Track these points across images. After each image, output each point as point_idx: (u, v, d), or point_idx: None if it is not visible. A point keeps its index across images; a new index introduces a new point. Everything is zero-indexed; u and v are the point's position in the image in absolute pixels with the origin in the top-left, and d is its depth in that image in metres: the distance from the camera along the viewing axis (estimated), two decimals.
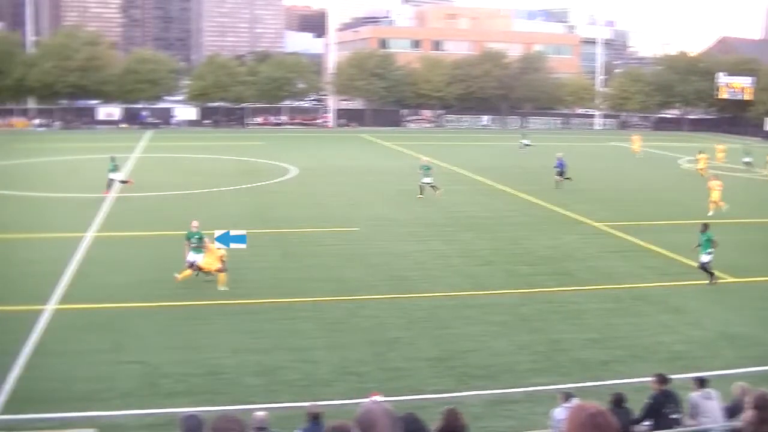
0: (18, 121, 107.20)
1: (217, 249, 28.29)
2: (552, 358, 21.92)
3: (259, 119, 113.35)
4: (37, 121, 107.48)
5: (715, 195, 43.79)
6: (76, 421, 17.24)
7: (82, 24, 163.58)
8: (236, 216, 40.55)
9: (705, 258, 29.49)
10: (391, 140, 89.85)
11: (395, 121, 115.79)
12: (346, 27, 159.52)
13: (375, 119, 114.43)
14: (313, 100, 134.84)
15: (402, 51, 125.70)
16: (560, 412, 14.29)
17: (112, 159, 49.60)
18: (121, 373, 20.33)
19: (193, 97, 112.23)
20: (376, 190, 51.67)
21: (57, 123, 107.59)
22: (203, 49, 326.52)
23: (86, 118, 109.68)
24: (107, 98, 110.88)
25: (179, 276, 28.03)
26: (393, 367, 20.95)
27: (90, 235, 36.76)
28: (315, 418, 13.96)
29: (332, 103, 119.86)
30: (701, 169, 58.50)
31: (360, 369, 20.74)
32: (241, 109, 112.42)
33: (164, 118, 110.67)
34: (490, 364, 21.35)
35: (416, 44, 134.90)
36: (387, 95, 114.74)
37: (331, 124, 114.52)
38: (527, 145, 78.30)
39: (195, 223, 29.27)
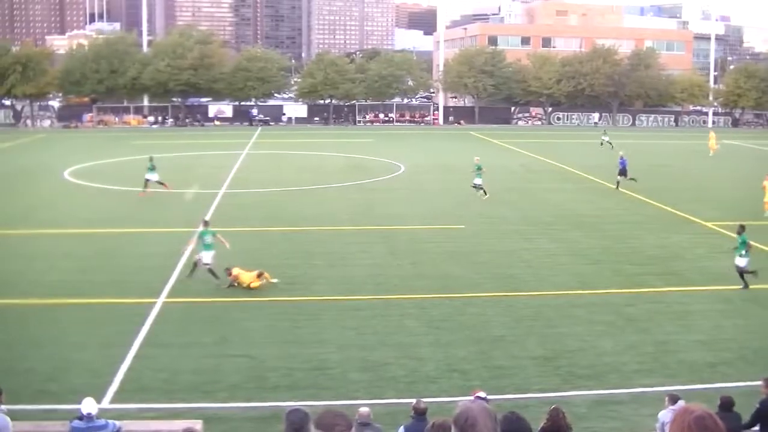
0: (133, 119, 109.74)
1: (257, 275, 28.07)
2: (659, 359, 21.52)
3: (369, 116, 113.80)
4: (150, 119, 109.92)
5: None
6: (183, 412, 17.54)
7: (195, 23, 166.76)
8: (343, 212, 40.84)
9: (740, 262, 28.38)
10: (500, 138, 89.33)
11: (504, 119, 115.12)
12: (455, 24, 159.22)
13: (484, 117, 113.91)
14: (422, 97, 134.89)
15: (511, 48, 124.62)
16: (666, 415, 14.03)
17: (150, 159, 49.30)
18: (228, 366, 20.65)
19: (303, 95, 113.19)
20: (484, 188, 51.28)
21: (170, 120, 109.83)
22: (313, 46, 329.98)
23: (198, 115, 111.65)
24: (218, 96, 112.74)
25: (253, 285, 27.80)
26: (497, 365, 20.84)
27: (199, 230, 37.35)
28: (420, 414, 13.92)
29: (441, 100, 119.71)
30: None
31: (464, 366, 20.68)
32: (351, 106, 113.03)
33: (274, 115, 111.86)
34: (595, 364, 21.08)
35: (526, 41, 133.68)
36: (496, 92, 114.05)
37: (440, 121, 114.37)
38: (607, 142, 77.18)
39: (204, 226, 29.58)
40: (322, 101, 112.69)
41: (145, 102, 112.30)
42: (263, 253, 32.32)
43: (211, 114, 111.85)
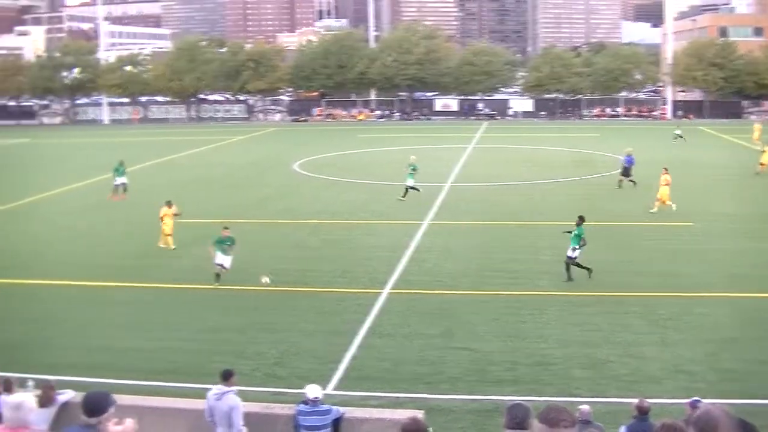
0: (361, 113, 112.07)
1: None
2: None
3: (595, 111, 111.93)
4: (377, 113, 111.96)
5: None
6: (404, 401, 17.80)
7: (420, 19, 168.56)
8: (568, 207, 40.37)
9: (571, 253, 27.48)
10: (730, 133, 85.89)
11: (735, 113, 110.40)
12: (683, 16, 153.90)
13: (713, 111, 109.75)
14: (650, 91, 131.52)
15: (743, 39, 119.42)
16: None
17: (121, 163, 47.93)
18: (450, 358, 20.79)
19: (529, 89, 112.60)
20: (712, 184, 49.63)
21: (396, 114, 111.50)
22: (539, 40, 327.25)
23: (424, 109, 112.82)
24: (444, 90, 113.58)
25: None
26: (726, 369, 20.07)
27: (426, 223, 37.89)
28: (644, 413, 13.59)
29: (669, 94, 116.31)
30: None
31: (691, 368, 20.02)
32: (577, 100, 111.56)
33: (500, 109, 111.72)
34: None
35: (758, 32, 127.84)
36: (726, 86, 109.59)
37: (668, 115, 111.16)
38: (680, 136, 73.65)
39: (227, 232, 28.70)
40: (548, 95, 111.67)
41: (372, 96, 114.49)
42: (488, 247, 32.38)
43: (437, 108, 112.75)
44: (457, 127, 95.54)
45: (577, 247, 28.00)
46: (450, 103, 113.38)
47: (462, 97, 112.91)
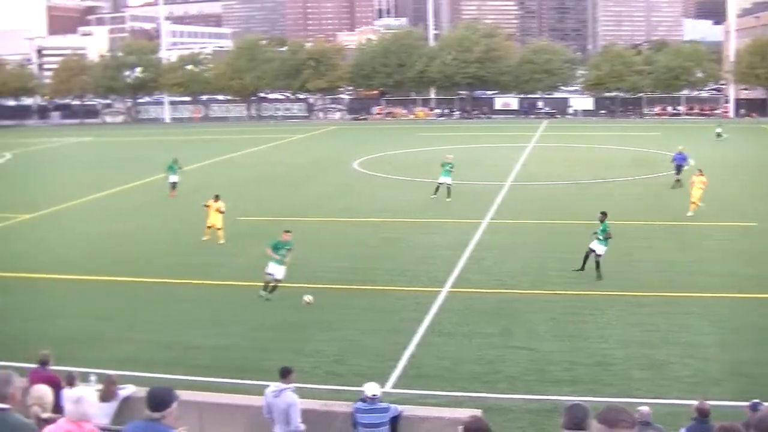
0: (420, 111, 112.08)
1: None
2: None
3: (656, 109, 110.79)
4: (437, 111, 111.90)
5: None
6: (462, 400, 17.78)
7: (480, 17, 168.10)
8: (628, 207, 40.08)
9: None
10: None
11: None
12: (746, 13, 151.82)
13: None
14: (711, 89, 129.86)
15: None
16: None
17: (175, 161, 48.68)
18: (509, 357, 20.73)
19: (589, 87, 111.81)
20: None
21: (456, 113, 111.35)
22: (598, 38, 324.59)
23: (484, 107, 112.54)
24: (504, 88, 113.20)
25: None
26: None
27: (486, 222, 37.84)
28: (704, 415, 13.44)
29: (732, 92, 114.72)
30: None
31: (752, 370, 19.72)
32: (637, 98, 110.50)
33: (560, 108, 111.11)
34: None
35: None
36: None
37: (730, 114, 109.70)
38: (720, 135, 73.01)
39: (287, 236, 27.06)
40: (608, 94, 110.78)
41: (432, 94, 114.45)
42: (547, 246, 32.23)
43: (497, 106, 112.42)
44: (516, 125, 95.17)
45: (605, 244, 28.13)
46: (510, 101, 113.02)
47: (522, 96, 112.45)
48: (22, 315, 25.82)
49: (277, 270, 26.32)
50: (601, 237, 28.18)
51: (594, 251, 28.15)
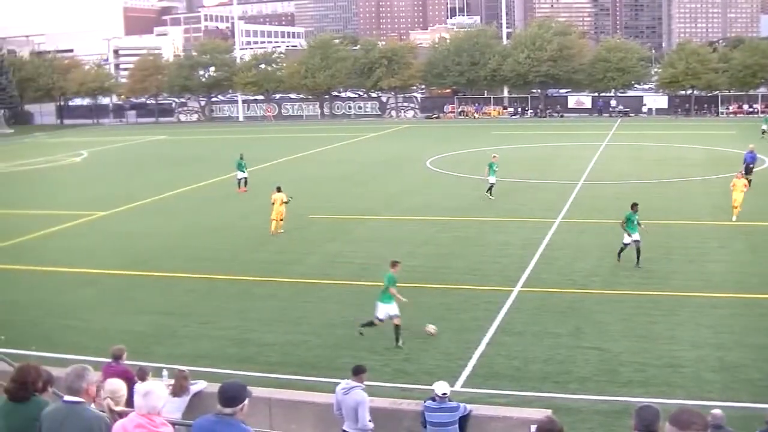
0: (493, 110, 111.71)
1: None
2: None
3: (732, 107, 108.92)
4: (510, 110, 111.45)
5: None
6: (532, 400, 17.77)
7: (554, 15, 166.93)
8: (702, 206, 39.63)
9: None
10: None
11: None
12: None
13: None
14: None
15: None
16: None
17: (241, 156, 50.41)
18: (579, 357, 20.66)
19: (663, 85, 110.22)
20: None
21: (529, 111, 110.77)
22: (673, 35, 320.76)
23: (557, 106, 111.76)
24: (577, 87, 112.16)
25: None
26: None
27: (558, 221, 37.65)
28: None
29: None
30: None
31: None
32: (713, 97, 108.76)
33: (634, 106, 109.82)
34: None
35: None
36: None
37: None
38: (765, 131, 71.33)
39: (396, 268, 22.89)
40: (683, 92, 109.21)
41: (505, 93, 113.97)
42: (617, 246, 31.86)
43: (570, 105, 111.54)
44: (590, 124, 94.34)
45: (636, 231, 29.50)
46: (583, 100, 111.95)
47: (595, 94, 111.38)
48: (98, 310, 26.36)
49: (387, 309, 22.18)
50: (634, 230, 29.59)
51: (637, 241, 29.41)
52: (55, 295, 28.46)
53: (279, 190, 36.60)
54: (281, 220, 36.35)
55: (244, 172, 49.24)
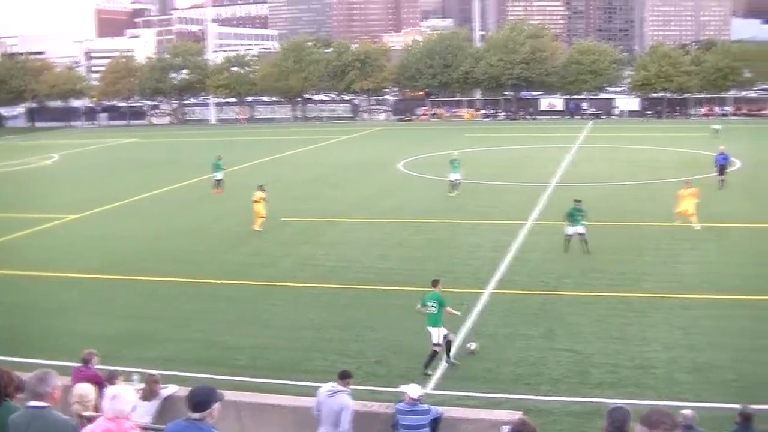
0: (466, 112, 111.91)
1: None
2: None
3: (703, 110, 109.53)
4: (482, 112, 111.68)
5: None
6: (503, 402, 17.75)
7: (527, 17, 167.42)
8: (672, 208, 39.76)
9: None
10: None
11: None
12: None
13: None
14: (761, 89, 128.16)
15: None
16: None
17: (219, 158, 51.18)
18: (551, 359, 20.67)
19: (635, 88, 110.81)
20: None
21: (501, 114, 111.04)
22: (646, 38, 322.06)
23: (529, 108, 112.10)
24: (550, 89, 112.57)
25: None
26: None
27: (530, 223, 37.71)
28: (746, 420, 13.32)
29: None
30: None
31: None
32: (684, 99, 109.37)
33: (606, 109, 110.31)
34: None
35: None
36: None
37: None
38: (717, 131, 74.34)
39: (437, 287, 21.59)
40: (654, 94, 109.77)
41: (478, 95, 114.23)
42: (591, 248, 31.95)
43: (542, 107, 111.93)
44: (562, 126, 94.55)
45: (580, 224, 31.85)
46: (555, 102, 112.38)
47: (567, 97, 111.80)
48: (67, 314, 26.17)
49: (439, 331, 20.64)
50: (579, 222, 31.88)
51: (582, 234, 31.69)
52: (24, 297, 28.24)
53: (261, 189, 37.71)
54: (262, 217, 37.08)
55: (220, 173, 49.39)
